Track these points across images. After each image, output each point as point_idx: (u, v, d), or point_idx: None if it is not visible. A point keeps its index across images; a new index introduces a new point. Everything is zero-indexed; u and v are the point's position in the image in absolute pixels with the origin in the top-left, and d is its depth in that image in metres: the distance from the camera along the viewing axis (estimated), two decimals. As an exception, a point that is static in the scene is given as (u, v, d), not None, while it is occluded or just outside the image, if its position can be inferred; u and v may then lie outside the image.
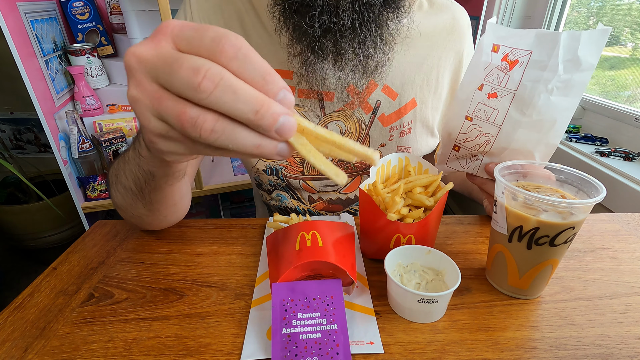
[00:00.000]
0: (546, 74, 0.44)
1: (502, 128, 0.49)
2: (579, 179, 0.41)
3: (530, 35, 0.44)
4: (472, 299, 0.43)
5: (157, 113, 0.25)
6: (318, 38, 0.48)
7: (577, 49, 0.43)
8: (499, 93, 0.48)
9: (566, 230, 0.37)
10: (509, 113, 0.48)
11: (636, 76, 1.18)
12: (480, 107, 0.50)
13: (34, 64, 1.08)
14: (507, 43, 0.46)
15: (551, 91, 0.45)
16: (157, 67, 0.24)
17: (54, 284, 0.45)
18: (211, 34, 0.23)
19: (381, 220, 0.44)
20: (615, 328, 0.39)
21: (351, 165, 0.66)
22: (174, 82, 0.23)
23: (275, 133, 0.24)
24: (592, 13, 1.38)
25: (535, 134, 0.48)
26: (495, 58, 0.47)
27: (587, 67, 0.43)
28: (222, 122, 0.23)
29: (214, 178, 1.38)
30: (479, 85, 0.49)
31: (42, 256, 1.67)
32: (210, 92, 0.22)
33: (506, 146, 0.49)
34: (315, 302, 0.37)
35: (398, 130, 0.64)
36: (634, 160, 1.00)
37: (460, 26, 0.65)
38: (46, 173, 1.63)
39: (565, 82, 0.44)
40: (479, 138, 0.51)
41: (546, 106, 0.46)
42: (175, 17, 0.62)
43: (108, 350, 0.36)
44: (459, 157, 0.56)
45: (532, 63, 0.45)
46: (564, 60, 0.43)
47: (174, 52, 0.24)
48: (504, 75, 0.47)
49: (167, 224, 0.55)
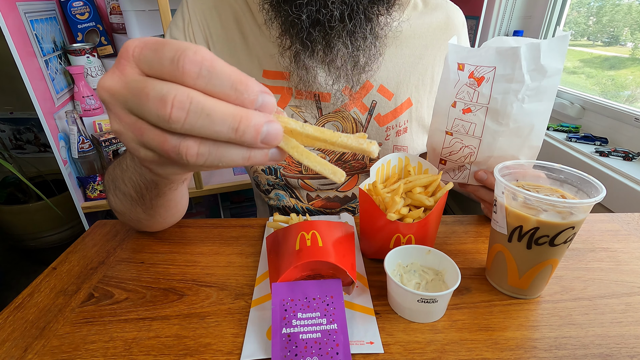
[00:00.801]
0: (514, 86, 0.45)
1: (483, 139, 0.50)
2: (579, 179, 0.41)
3: (491, 53, 0.45)
4: (472, 299, 0.43)
5: (142, 144, 0.24)
6: (306, 29, 0.47)
7: (539, 58, 0.43)
8: (472, 108, 0.49)
9: (566, 230, 0.37)
10: (486, 124, 0.49)
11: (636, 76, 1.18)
12: (457, 122, 0.51)
13: (33, 63, 1.08)
14: (471, 62, 0.47)
15: (522, 100, 0.46)
16: (127, 98, 0.23)
17: (53, 284, 0.45)
18: (169, 54, 0.22)
19: (381, 220, 0.44)
20: (615, 328, 0.39)
21: (348, 165, 0.66)
22: (145, 113, 0.22)
23: (261, 144, 0.23)
24: (592, 13, 1.38)
25: (516, 139, 0.49)
26: (462, 76, 0.48)
27: (553, 72, 0.44)
28: (205, 145, 0.23)
29: (214, 178, 1.38)
30: (452, 103, 0.50)
31: (42, 256, 1.67)
32: (184, 121, 0.21)
33: (490, 154, 0.50)
34: (315, 302, 0.37)
35: (394, 129, 0.64)
36: (633, 160, 1.00)
37: (455, 25, 0.66)
38: (46, 173, 1.63)
39: (535, 90, 0.45)
40: (462, 150, 0.53)
41: (521, 114, 0.47)
42: (173, 18, 0.62)
43: (108, 350, 0.36)
44: (447, 170, 0.57)
45: (497, 77, 0.46)
46: (529, 70, 0.44)
47: (139, 79, 0.23)
48: (473, 91, 0.48)
49: (166, 226, 0.55)
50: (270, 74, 0.60)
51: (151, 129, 0.23)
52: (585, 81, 1.38)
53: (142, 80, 0.22)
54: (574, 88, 1.34)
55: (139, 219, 0.49)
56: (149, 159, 0.25)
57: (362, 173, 0.68)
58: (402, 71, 0.62)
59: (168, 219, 0.52)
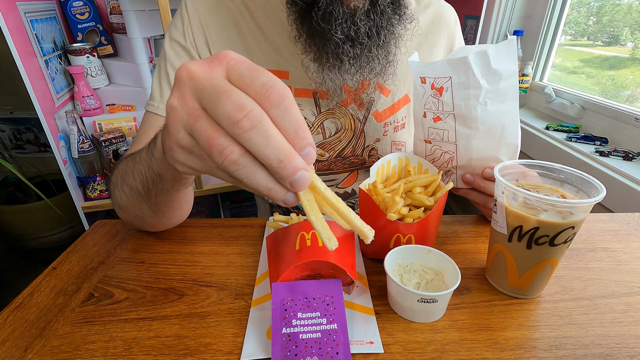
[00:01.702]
0: (472, 91, 0.47)
1: (458, 144, 0.52)
2: (579, 179, 0.41)
3: (443, 64, 0.48)
4: (472, 299, 0.43)
5: (190, 128, 0.26)
6: (341, 44, 0.51)
7: (489, 64, 0.45)
8: (441, 116, 0.52)
9: (566, 230, 0.37)
10: (458, 130, 0.51)
11: (636, 76, 1.18)
12: (432, 131, 0.54)
13: (33, 63, 1.08)
14: (429, 74, 0.50)
15: (485, 103, 0.48)
16: (205, 89, 0.25)
17: (54, 284, 0.45)
18: (263, 79, 0.25)
19: (381, 220, 0.44)
20: (614, 328, 0.39)
21: (347, 161, 0.66)
22: (217, 109, 0.24)
23: (289, 184, 0.25)
24: (592, 13, 1.38)
25: (491, 140, 0.50)
26: (426, 88, 0.51)
27: (508, 74, 0.46)
28: (246, 157, 0.25)
29: (213, 178, 1.38)
30: (422, 114, 0.53)
31: (42, 256, 1.67)
32: (246, 131, 0.24)
33: (469, 157, 0.52)
34: (315, 302, 0.37)
35: (392, 125, 0.65)
36: (633, 160, 1.00)
37: (447, 20, 0.68)
38: (46, 173, 1.63)
39: (495, 92, 0.47)
40: (443, 156, 0.55)
41: (487, 116, 0.48)
42: (173, 20, 0.62)
43: (108, 350, 0.36)
44: None
45: (455, 86, 0.48)
46: (483, 76, 0.46)
47: (225, 82, 0.25)
48: (437, 101, 0.50)
49: (169, 226, 0.55)
50: None
51: (208, 120, 0.25)
52: (585, 81, 1.38)
53: (229, 84, 0.25)
54: (574, 88, 1.34)
55: (143, 215, 0.49)
56: (181, 142, 0.27)
57: (362, 169, 0.69)
58: (399, 68, 0.63)
59: (172, 219, 0.52)
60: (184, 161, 0.28)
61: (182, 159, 0.28)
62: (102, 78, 1.30)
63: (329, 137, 0.64)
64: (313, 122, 0.62)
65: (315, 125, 0.63)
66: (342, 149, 0.65)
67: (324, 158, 0.66)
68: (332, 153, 0.65)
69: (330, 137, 0.64)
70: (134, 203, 0.47)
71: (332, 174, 0.68)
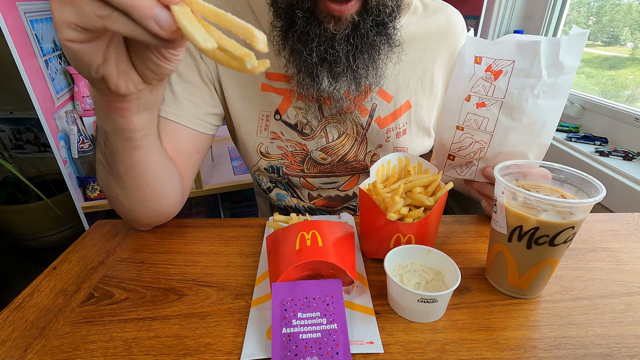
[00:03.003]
0: (531, 81, 0.45)
1: (494, 134, 0.50)
2: (579, 179, 0.41)
3: (511, 46, 0.45)
4: (471, 299, 0.43)
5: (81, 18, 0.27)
6: (315, 66, 0.50)
7: (558, 54, 0.44)
8: (487, 102, 0.49)
9: (566, 229, 0.37)
10: (499, 120, 0.49)
11: (636, 76, 1.18)
12: (470, 117, 0.51)
13: (33, 63, 1.08)
14: (489, 54, 0.47)
15: (538, 95, 0.46)
16: None
17: (53, 284, 0.45)
18: None
19: (381, 220, 0.44)
20: (614, 328, 0.39)
21: (350, 166, 0.66)
22: None
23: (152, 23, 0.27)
24: (592, 13, 1.38)
25: (527, 136, 0.49)
26: (478, 69, 0.48)
27: (570, 69, 0.45)
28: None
29: (213, 178, 1.38)
30: (466, 97, 0.50)
31: (42, 256, 1.67)
32: None
33: (500, 150, 0.50)
34: (315, 302, 0.37)
35: (394, 131, 0.65)
36: (633, 160, 1.00)
37: (454, 28, 0.66)
38: (46, 173, 1.63)
39: (551, 86, 0.46)
40: (472, 146, 0.52)
41: (534, 110, 0.47)
42: None
43: (108, 350, 0.36)
44: (455, 166, 0.57)
45: (515, 72, 0.46)
46: (547, 65, 0.45)
47: None
48: (489, 85, 0.48)
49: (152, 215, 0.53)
50: (273, 76, 0.60)
51: None
52: (585, 81, 1.38)
53: None
54: (574, 88, 1.34)
55: (116, 195, 0.49)
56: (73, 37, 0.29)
57: (363, 173, 0.68)
58: (401, 75, 0.63)
59: (146, 200, 0.50)
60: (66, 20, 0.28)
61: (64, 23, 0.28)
62: (102, 78, 1.30)
63: (332, 142, 0.64)
64: (316, 127, 0.62)
65: (318, 130, 0.63)
66: (344, 153, 0.65)
67: (326, 162, 0.65)
68: (334, 157, 0.65)
69: (333, 141, 0.64)
70: (105, 180, 0.48)
71: (334, 176, 0.68)
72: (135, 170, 0.46)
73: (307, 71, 0.51)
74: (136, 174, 0.47)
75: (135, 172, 0.46)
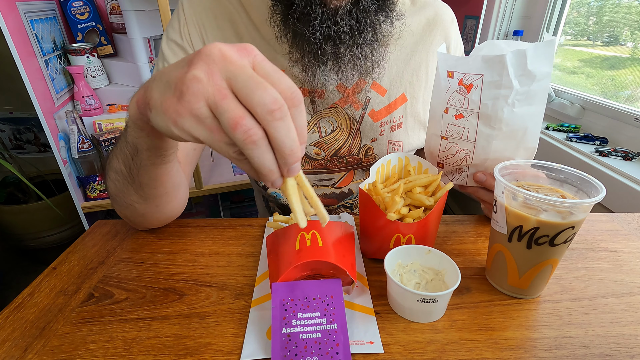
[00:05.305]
0: (503, 91, 0.46)
1: (477, 143, 0.50)
2: (579, 179, 0.41)
3: (478, 60, 0.46)
4: (471, 299, 0.43)
5: (214, 103, 0.28)
6: (320, 45, 0.51)
7: (526, 64, 0.44)
8: (464, 113, 0.50)
9: (566, 229, 0.37)
10: (479, 129, 0.49)
11: (636, 76, 1.18)
12: (451, 128, 0.52)
13: (33, 63, 1.08)
14: (459, 69, 0.48)
15: (513, 104, 0.46)
16: (239, 75, 0.28)
17: (53, 284, 0.45)
18: (288, 82, 0.30)
19: (381, 220, 0.44)
20: (614, 328, 0.39)
21: (344, 160, 0.66)
22: (253, 96, 0.27)
23: (288, 169, 0.30)
24: (592, 13, 1.38)
25: (511, 142, 0.49)
26: (452, 83, 0.49)
27: (542, 76, 0.45)
28: (264, 140, 0.28)
29: (213, 178, 1.38)
30: (444, 109, 0.51)
31: (42, 256, 1.67)
32: (277, 120, 0.28)
33: (486, 157, 0.51)
34: (315, 302, 0.37)
35: (388, 125, 0.65)
36: (633, 160, 1.00)
37: (443, 20, 0.67)
38: (46, 173, 1.63)
39: (525, 94, 0.46)
40: (458, 154, 0.53)
41: (512, 118, 0.47)
42: (170, 20, 0.62)
43: (108, 350, 0.36)
44: (446, 173, 0.57)
45: (486, 84, 0.46)
46: (517, 76, 0.45)
47: (257, 74, 0.28)
48: (464, 97, 0.49)
49: (162, 218, 0.54)
50: None
51: (235, 100, 0.28)
52: (585, 81, 1.38)
53: (261, 77, 0.28)
54: (574, 88, 1.34)
55: (132, 202, 0.49)
56: (196, 112, 0.29)
57: (358, 168, 0.69)
58: (395, 68, 0.63)
59: (161, 206, 0.51)
60: (189, 129, 0.29)
61: (187, 126, 0.29)
62: (102, 78, 1.30)
63: (325, 136, 0.64)
64: (309, 121, 0.62)
65: (311, 124, 0.63)
66: (338, 147, 0.65)
67: (320, 157, 0.65)
68: (328, 152, 0.65)
69: (327, 135, 0.64)
70: (121, 188, 0.48)
71: (329, 172, 0.68)
72: (158, 180, 0.47)
73: (311, 51, 0.51)
74: (157, 184, 0.47)
75: (157, 182, 0.47)
